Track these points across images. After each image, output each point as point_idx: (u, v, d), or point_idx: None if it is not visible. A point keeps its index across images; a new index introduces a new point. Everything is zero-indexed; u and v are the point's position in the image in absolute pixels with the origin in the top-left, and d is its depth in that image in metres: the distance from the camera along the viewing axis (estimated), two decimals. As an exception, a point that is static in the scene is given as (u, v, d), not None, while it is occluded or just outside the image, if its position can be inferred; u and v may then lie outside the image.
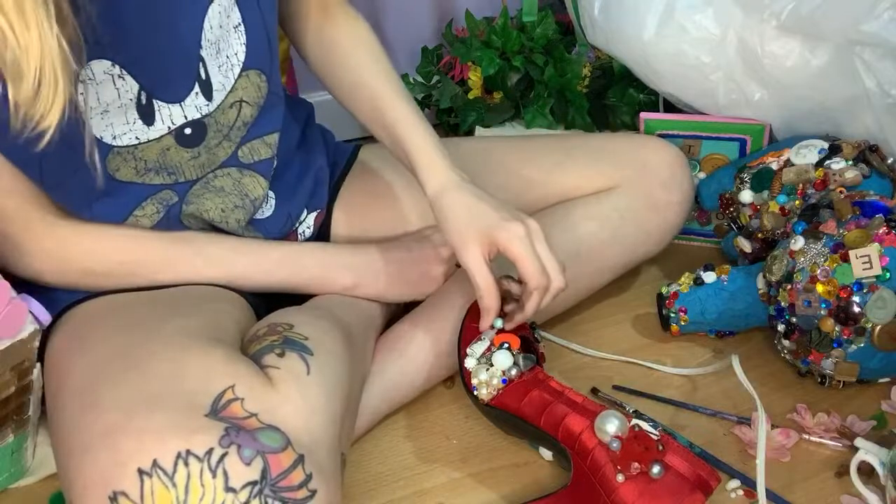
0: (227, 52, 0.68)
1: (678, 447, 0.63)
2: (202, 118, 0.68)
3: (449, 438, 0.78)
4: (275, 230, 0.80)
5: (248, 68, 0.70)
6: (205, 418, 0.50)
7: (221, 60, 0.68)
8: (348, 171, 0.90)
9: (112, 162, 0.66)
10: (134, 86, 0.63)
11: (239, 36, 0.68)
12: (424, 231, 0.85)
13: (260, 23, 0.69)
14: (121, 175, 0.67)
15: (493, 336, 0.73)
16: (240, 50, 0.69)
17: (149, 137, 0.66)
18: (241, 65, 0.69)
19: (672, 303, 0.86)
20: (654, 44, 0.93)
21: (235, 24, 0.68)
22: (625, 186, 0.86)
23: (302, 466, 0.50)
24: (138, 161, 0.67)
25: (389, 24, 1.32)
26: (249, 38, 0.69)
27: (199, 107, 0.68)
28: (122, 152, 0.66)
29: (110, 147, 0.65)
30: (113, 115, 0.63)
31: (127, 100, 0.63)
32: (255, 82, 0.71)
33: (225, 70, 0.68)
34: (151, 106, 0.65)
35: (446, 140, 0.95)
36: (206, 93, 0.68)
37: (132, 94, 0.63)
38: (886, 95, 0.83)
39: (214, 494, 0.47)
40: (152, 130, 0.66)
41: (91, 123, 0.62)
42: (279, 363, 0.58)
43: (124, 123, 0.65)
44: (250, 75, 0.70)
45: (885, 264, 0.71)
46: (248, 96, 0.71)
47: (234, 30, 0.68)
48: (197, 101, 0.67)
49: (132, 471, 0.47)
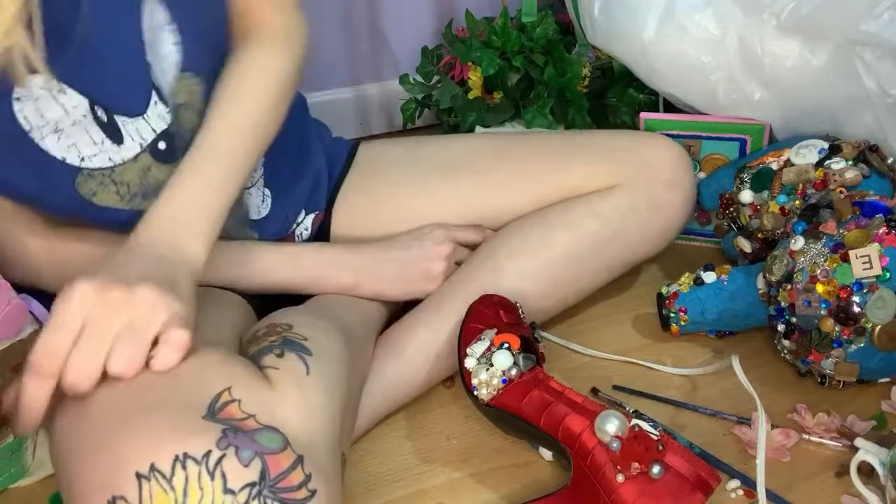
0: (161, 55, 0.66)
1: (678, 447, 0.63)
2: (169, 128, 0.67)
3: (449, 438, 0.78)
4: (272, 230, 0.80)
5: (181, 70, 0.68)
6: (202, 420, 0.50)
7: (162, 65, 0.66)
8: (347, 170, 0.90)
9: (85, 185, 0.65)
10: (81, 100, 0.61)
11: (168, 37, 0.66)
12: (423, 229, 0.85)
13: (189, 22, 0.67)
14: (99, 199, 0.66)
15: (493, 336, 0.73)
16: (171, 51, 0.67)
17: (123, 158, 0.65)
18: (175, 66, 0.67)
19: (672, 303, 0.86)
20: (654, 44, 0.93)
21: (163, 24, 0.65)
22: (627, 185, 0.85)
23: (301, 467, 0.50)
24: (119, 185, 0.66)
25: (389, 24, 1.32)
26: (179, 39, 0.67)
27: (162, 116, 0.66)
28: (96, 175, 0.65)
29: (79, 169, 0.64)
30: (72, 134, 0.62)
31: (79, 116, 0.62)
32: (189, 84, 0.68)
33: (163, 75, 0.66)
34: (114, 122, 0.63)
35: (447, 136, 0.95)
36: (163, 100, 0.66)
37: (83, 109, 0.62)
38: (886, 95, 0.83)
39: (213, 496, 0.47)
40: (124, 149, 0.65)
41: (47, 143, 0.62)
42: (278, 363, 0.57)
43: (92, 144, 0.63)
44: (185, 77, 0.68)
45: (885, 264, 0.71)
46: (181, 100, 0.68)
47: (163, 30, 0.66)
48: (157, 109, 0.65)
49: (130, 475, 0.47)
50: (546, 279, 0.83)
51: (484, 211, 0.88)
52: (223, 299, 0.73)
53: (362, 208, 0.89)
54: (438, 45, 1.30)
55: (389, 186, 0.89)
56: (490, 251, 0.84)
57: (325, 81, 1.33)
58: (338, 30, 1.31)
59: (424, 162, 0.89)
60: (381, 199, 0.88)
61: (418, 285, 0.82)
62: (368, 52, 1.35)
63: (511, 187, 0.86)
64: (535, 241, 0.83)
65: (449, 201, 0.87)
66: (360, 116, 1.38)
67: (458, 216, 0.87)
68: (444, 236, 0.84)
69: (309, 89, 1.29)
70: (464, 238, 0.86)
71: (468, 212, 0.88)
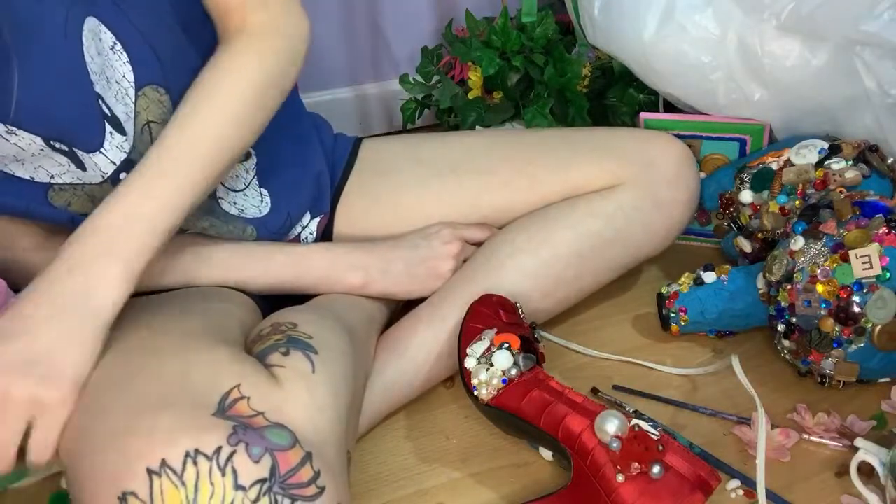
0: (115, 79, 0.64)
1: (678, 447, 0.63)
2: (129, 156, 0.66)
3: (449, 438, 0.78)
4: (274, 228, 0.80)
5: (141, 86, 0.66)
6: (212, 417, 0.50)
7: (115, 89, 0.65)
8: (349, 171, 0.90)
9: (58, 198, 0.65)
10: (34, 138, 0.61)
11: (119, 56, 0.64)
12: (431, 228, 0.85)
13: (136, 36, 0.65)
14: (76, 208, 0.66)
15: (493, 336, 0.73)
16: (126, 71, 0.65)
17: (90, 180, 0.65)
18: (134, 85, 0.66)
19: (672, 303, 0.86)
20: (654, 44, 0.93)
21: (111, 45, 0.64)
22: (630, 184, 0.84)
23: (310, 464, 0.51)
24: (91, 196, 0.66)
25: (389, 24, 1.32)
26: (131, 56, 0.65)
27: (120, 146, 0.65)
28: (67, 188, 0.65)
29: (49, 185, 0.64)
30: (35, 161, 0.62)
31: (37, 150, 0.61)
32: (154, 99, 0.67)
33: (121, 97, 0.65)
34: (75, 153, 0.63)
35: (449, 134, 0.95)
36: (118, 128, 0.65)
37: (38, 144, 0.61)
38: (886, 95, 0.83)
39: (224, 492, 0.47)
40: (88, 175, 0.65)
41: (12, 168, 0.62)
42: (284, 362, 0.58)
43: (58, 165, 0.63)
44: (147, 93, 0.67)
45: (885, 264, 0.71)
46: (153, 115, 0.67)
47: (112, 51, 0.64)
48: (114, 140, 0.65)
49: (141, 470, 0.47)
50: (548, 279, 0.83)
51: (487, 211, 0.88)
52: (232, 298, 0.73)
53: (365, 210, 0.89)
54: (438, 45, 1.30)
55: (392, 188, 0.89)
56: (492, 250, 0.84)
57: (325, 81, 1.33)
58: (338, 30, 1.31)
59: (426, 162, 0.89)
60: (383, 201, 0.88)
61: (426, 284, 0.82)
62: (368, 52, 1.35)
63: (514, 187, 0.86)
64: (538, 241, 0.83)
65: (452, 202, 0.87)
66: (360, 116, 1.38)
67: (461, 216, 0.87)
68: (452, 235, 0.84)
69: (309, 89, 1.29)
70: (471, 236, 0.87)
71: (471, 211, 0.87)
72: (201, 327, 0.62)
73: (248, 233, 0.78)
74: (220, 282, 0.75)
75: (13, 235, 0.71)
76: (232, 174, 0.77)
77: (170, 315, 0.65)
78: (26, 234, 0.71)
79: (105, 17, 0.63)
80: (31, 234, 0.71)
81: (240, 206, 0.78)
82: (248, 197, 0.79)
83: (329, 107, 1.28)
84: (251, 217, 0.78)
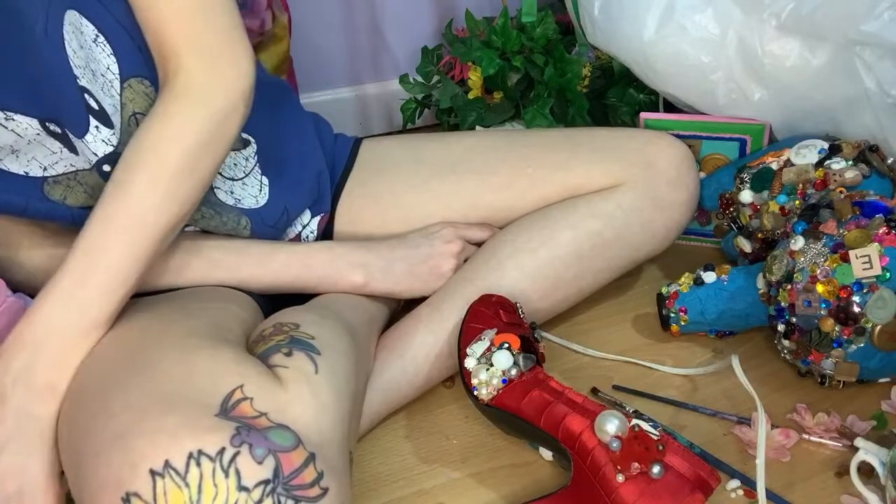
0: (100, 71, 0.64)
1: (678, 447, 0.63)
2: (116, 149, 0.66)
3: (449, 438, 0.78)
4: (270, 221, 0.79)
5: (126, 78, 0.66)
6: (215, 418, 0.50)
7: (101, 82, 0.65)
8: (350, 170, 0.90)
9: (54, 192, 0.65)
10: (31, 121, 0.61)
11: (102, 48, 0.64)
12: (433, 227, 0.85)
13: (118, 29, 0.65)
14: (72, 202, 0.67)
15: (493, 336, 0.73)
16: (110, 63, 0.65)
17: (82, 167, 0.66)
18: (118, 77, 0.66)
19: (672, 303, 0.86)
20: (654, 44, 0.93)
21: (93, 38, 0.64)
22: (630, 184, 0.84)
23: (313, 464, 0.50)
24: (85, 186, 0.66)
25: (389, 24, 1.32)
26: (114, 48, 0.65)
27: (107, 140, 0.66)
28: (61, 180, 0.65)
29: (43, 179, 0.64)
30: (29, 151, 0.63)
31: (33, 135, 0.62)
32: (140, 91, 0.67)
33: (107, 89, 0.65)
34: (67, 136, 0.64)
35: (449, 134, 0.95)
36: (106, 122, 0.65)
37: (35, 127, 0.62)
38: (886, 95, 0.83)
39: (227, 493, 0.47)
40: (80, 160, 0.65)
41: (7, 164, 0.63)
42: (287, 362, 0.58)
43: (51, 154, 0.64)
44: (132, 84, 0.67)
45: (885, 264, 0.71)
46: (138, 107, 0.67)
47: (95, 44, 0.64)
48: (101, 134, 0.65)
49: (144, 471, 0.47)
50: (548, 279, 0.83)
51: (487, 211, 0.88)
52: (233, 298, 0.73)
53: (365, 210, 0.89)
54: (438, 45, 1.30)
55: (392, 188, 0.89)
56: (492, 250, 0.84)
57: (325, 81, 1.33)
58: (338, 30, 1.31)
59: (426, 162, 0.89)
60: (383, 202, 0.88)
61: (428, 283, 0.82)
62: (368, 52, 1.35)
63: (514, 187, 0.86)
64: (538, 241, 0.83)
65: (452, 202, 0.87)
66: (360, 116, 1.39)
67: (461, 216, 0.87)
68: (453, 234, 0.85)
69: (309, 89, 1.29)
70: (472, 236, 0.87)
71: (471, 211, 0.88)
72: (203, 327, 0.62)
73: (242, 225, 0.77)
74: (221, 281, 0.74)
75: (13, 235, 0.71)
76: (229, 162, 0.77)
77: (171, 315, 0.65)
78: (26, 234, 0.71)
79: (85, 10, 0.63)
80: (31, 234, 0.71)
81: (237, 196, 0.77)
82: (246, 186, 0.79)
83: (329, 107, 1.28)
84: (247, 208, 0.78)
